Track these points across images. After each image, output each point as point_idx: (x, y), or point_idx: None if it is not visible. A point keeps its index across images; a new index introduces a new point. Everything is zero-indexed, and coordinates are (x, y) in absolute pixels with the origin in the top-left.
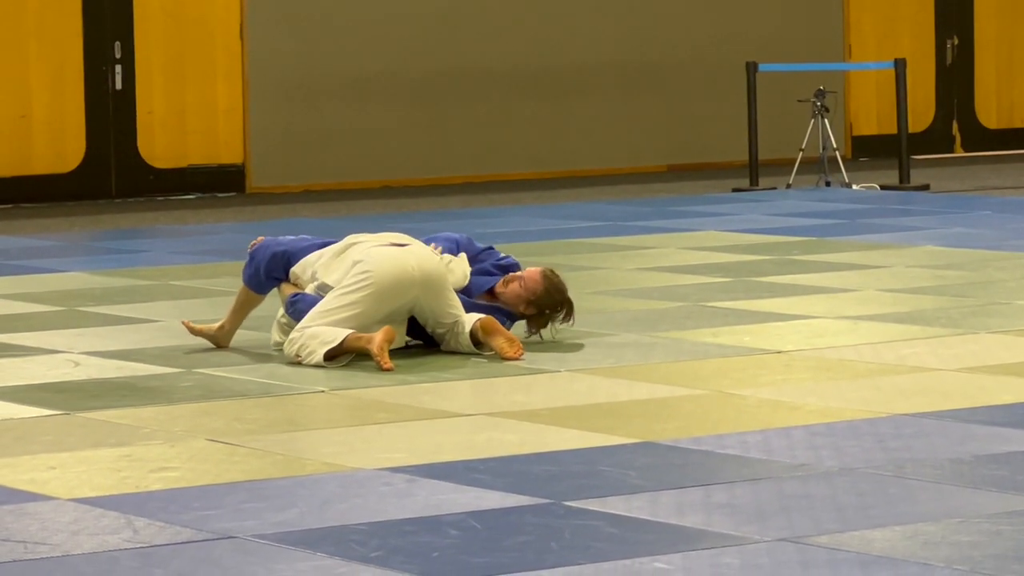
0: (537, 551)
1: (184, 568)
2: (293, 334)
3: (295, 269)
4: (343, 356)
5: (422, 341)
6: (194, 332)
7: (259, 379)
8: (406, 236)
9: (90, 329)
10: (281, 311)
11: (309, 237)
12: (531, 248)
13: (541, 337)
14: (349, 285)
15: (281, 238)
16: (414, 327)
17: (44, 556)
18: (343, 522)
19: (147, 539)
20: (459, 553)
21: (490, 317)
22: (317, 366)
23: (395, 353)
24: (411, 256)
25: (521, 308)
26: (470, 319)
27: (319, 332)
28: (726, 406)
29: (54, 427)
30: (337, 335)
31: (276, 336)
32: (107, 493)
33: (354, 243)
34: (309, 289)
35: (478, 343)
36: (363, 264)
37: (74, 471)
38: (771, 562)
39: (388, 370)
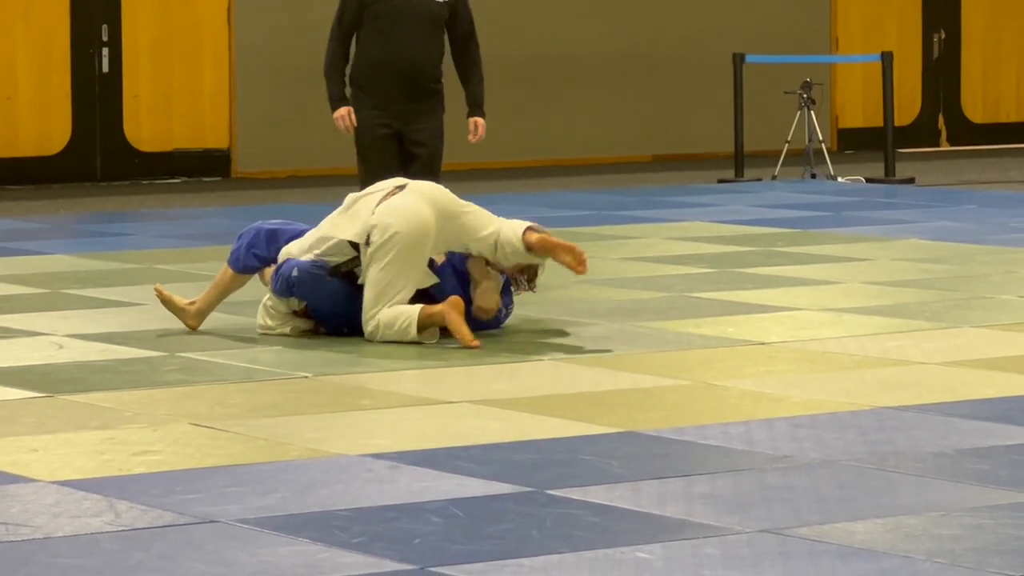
0: (519, 539)
1: (166, 551)
2: (368, 326)
3: (282, 252)
4: (430, 331)
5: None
6: (163, 299)
7: (242, 364)
8: (401, 178)
9: (74, 312)
10: (267, 295)
11: (302, 224)
12: None
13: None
14: (381, 257)
15: (272, 220)
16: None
17: (25, 538)
18: (325, 507)
19: (129, 522)
20: (441, 540)
21: (542, 236)
22: (406, 343)
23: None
24: (417, 196)
25: (518, 273)
26: (514, 227)
27: (392, 319)
28: (709, 397)
29: (37, 409)
30: (411, 316)
31: (262, 320)
32: (89, 476)
33: (360, 197)
34: (305, 259)
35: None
36: (380, 229)
37: (56, 453)
38: (752, 553)
39: (475, 347)
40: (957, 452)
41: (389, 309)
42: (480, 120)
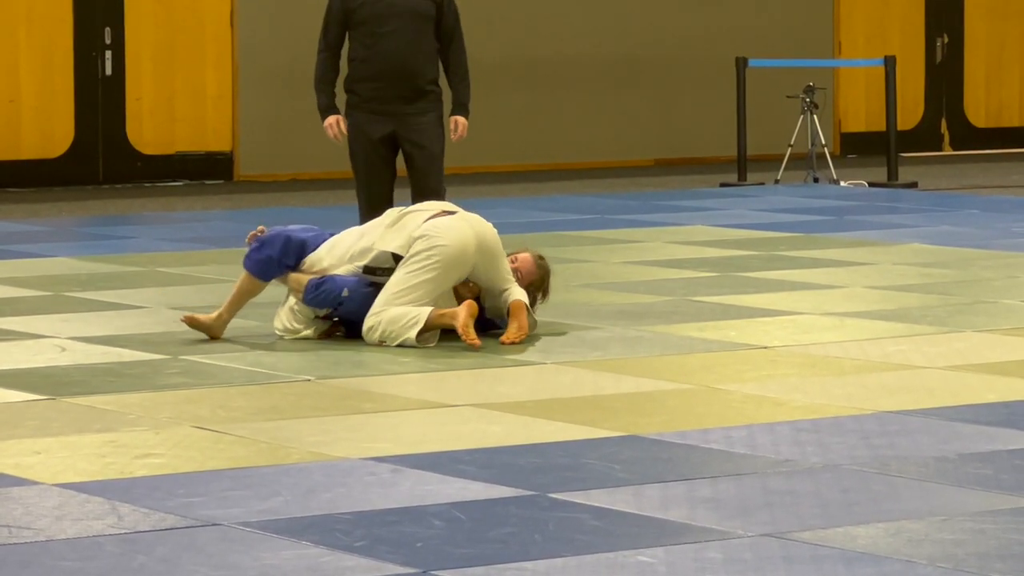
0: (521, 543)
1: (168, 555)
2: (369, 321)
3: (309, 259)
4: (430, 333)
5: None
6: (194, 324)
7: (245, 367)
8: (450, 204)
9: (76, 315)
10: (292, 300)
11: (315, 228)
12: (518, 240)
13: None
14: (416, 262)
15: (290, 226)
16: None
17: (28, 541)
18: (328, 511)
19: (131, 525)
20: (443, 544)
21: (523, 303)
22: (405, 346)
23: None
24: (466, 224)
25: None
26: (515, 293)
27: (398, 316)
28: (711, 401)
29: (39, 412)
30: (420, 315)
31: (288, 324)
32: (92, 479)
33: (407, 212)
34: (342, 270)
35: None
36: (426, 240)
37: (59, 456)
38: (754, 557)
39: (475, 347)
40: (959, 456)
41: (397, 308)
42: (461, 119)
